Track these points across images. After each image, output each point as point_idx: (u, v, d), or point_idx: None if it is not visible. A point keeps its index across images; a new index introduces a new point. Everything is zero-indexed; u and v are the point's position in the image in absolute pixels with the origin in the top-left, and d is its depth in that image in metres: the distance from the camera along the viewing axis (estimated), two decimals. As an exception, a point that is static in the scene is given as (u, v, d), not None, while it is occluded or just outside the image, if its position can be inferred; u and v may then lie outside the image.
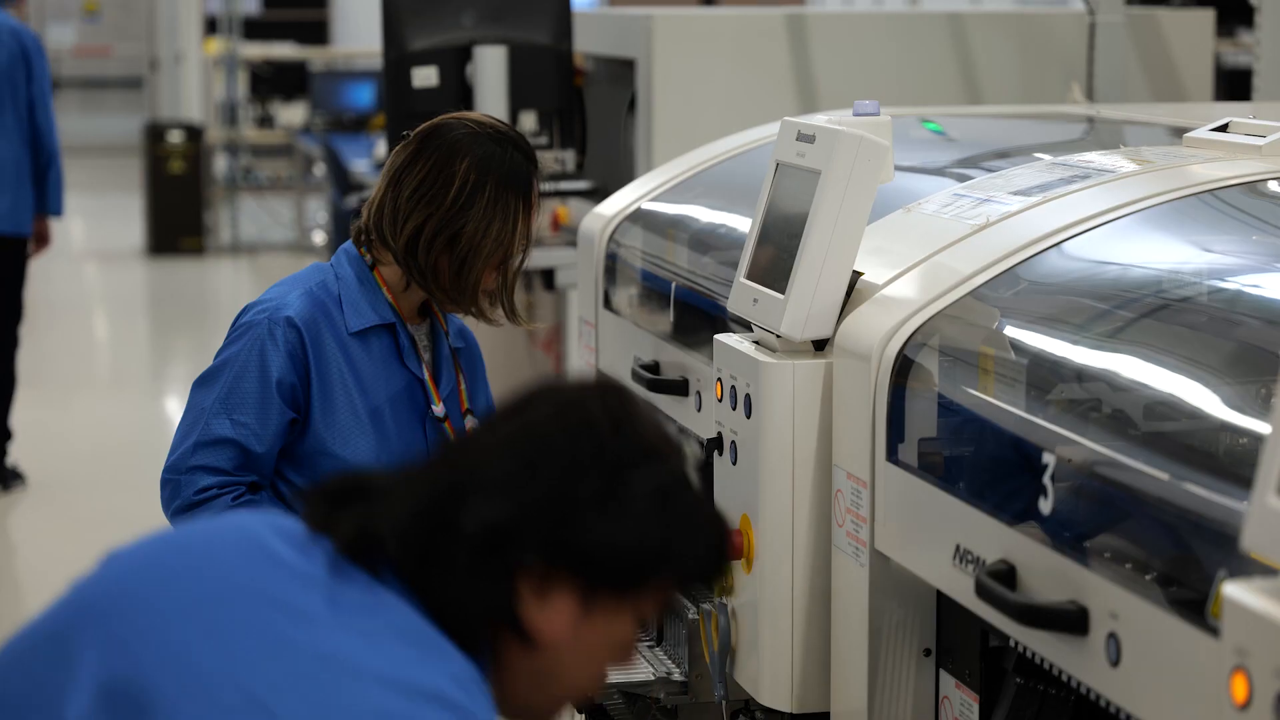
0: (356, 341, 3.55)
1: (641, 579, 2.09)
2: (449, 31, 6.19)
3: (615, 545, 2.06)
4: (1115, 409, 2.53)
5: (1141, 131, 4.19)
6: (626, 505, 2.07)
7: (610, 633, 2.11)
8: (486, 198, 3.49)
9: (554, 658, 2.09)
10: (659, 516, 2.08)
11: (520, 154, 3.55)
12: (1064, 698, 2.59)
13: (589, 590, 2.07)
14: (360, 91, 15.47)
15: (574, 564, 2.06)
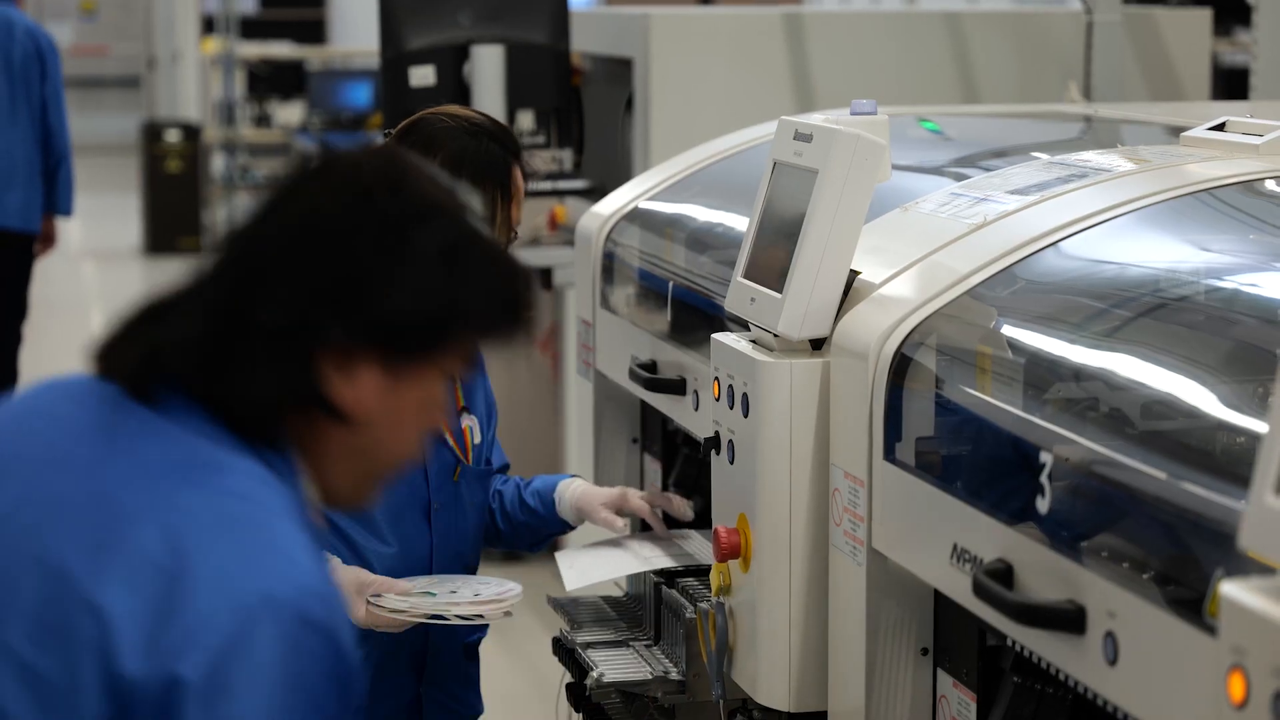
0: None
1: (441, 339, 2.08)
2: (446, 31, 6.19)
3: (410, 309, 2.04)
4: (1113, 408, 2.53)
5: (1139, 130, 4.19)
6: (415, 268, 2.04)
7: (420, 397, 2.09)
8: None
9: (369, 431, 2.08)
10: (449, 274, 2.06)
11: (497, 145, 3.54)
12: (1061, 697, 2.59)
13: (392, 358, 2.05)
14: (357, 91, 15.47)
15: (373, 335, 2.04)
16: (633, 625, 3.67)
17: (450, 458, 3.61)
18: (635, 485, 4.31)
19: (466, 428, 3.66)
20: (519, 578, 3.67)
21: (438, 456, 3.59)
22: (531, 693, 6.78)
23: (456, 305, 2.07)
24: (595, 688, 3.44)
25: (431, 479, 3.58)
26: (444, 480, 3.60)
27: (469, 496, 3.64)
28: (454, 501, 3.61)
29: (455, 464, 3.61)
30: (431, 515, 3.57)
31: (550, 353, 8.23)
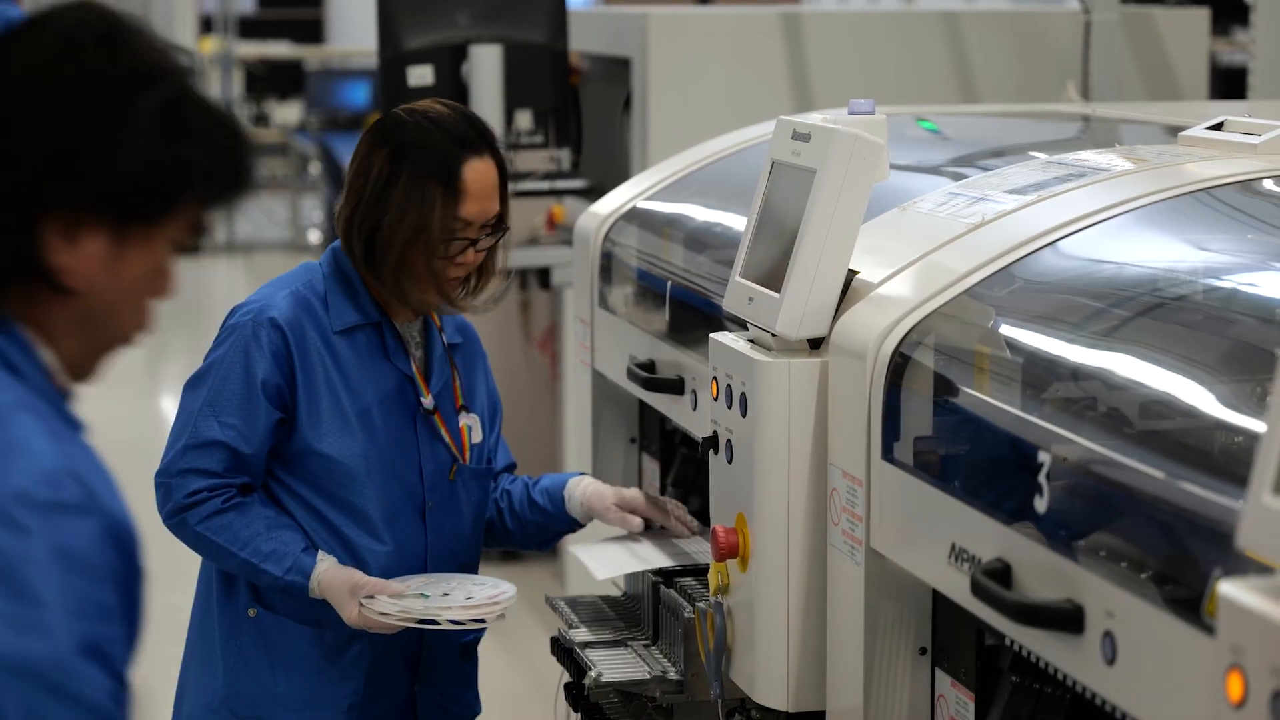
0: (343, 341, 3.54)
1: (166, 203, 2.05)
2: (444, 30, 6.19)
3: (134, 173, 2.02)
4: (1111, 407, 2.53)
5: (1136, 130, 4.19)
6: (136, 131, 2.02)
7: (147, 265, 2.07)
8: (401, 187, 3.47)
9: (95, 300, 2.06)
10: (171, 136, 2.04)
11: (449, 139, 3.49)
12: (1060, 696, 2.59)
13: (118, 225, 2.03)
14: (355, 90, 15.47)
15: (97, 201, 2.01)
16: (631, 625, 3.67)
17: (447, 456, 3.60)
18: (634, 485, 4.31)
19: (465, 426, 3.65)
20: (517, 578, 3.67)
21: (434, 455, 3.58)
22: (530, 692, 6.78)
23: (180, 168, 2.05)
24: (593, 687, 3.44)
25: (426, 478, 3.57)
26: (439, 479, 3.59)
27: (466, 496, 3.63)
28: (450, 501, 3.60)
29: (452, 463, 3.60)
30: (426, 514, 3.57)
31: (549, 352, 8.23)
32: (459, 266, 3.52)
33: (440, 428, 3.60)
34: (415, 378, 3.59)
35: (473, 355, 3.74)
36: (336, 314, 3.54)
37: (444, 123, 3.52)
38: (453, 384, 3.65)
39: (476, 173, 3.49)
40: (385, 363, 3.57)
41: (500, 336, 8.42)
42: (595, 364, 4.31)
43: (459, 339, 3.71)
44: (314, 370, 3.51)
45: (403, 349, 3.59)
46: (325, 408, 3.51)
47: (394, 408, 3.57)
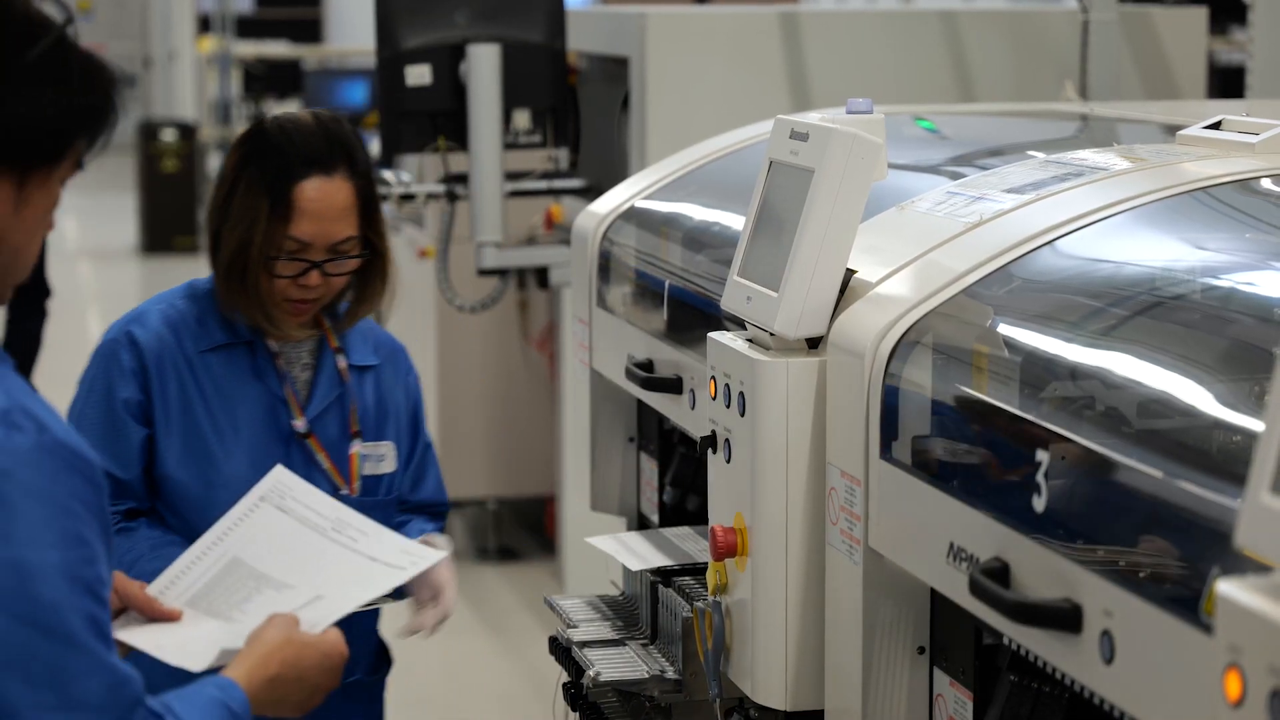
0: (213, 360, 3.42)
1: (62, 146, 2.21)
2: (442, 30, 6.19)
3: (30, 122, 2.17)
4: (1109, 406, 2.53)
5: (1135, 129, 4.19)
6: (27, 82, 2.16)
7: (46, 205, 2.24)
8: (239, 196, 3.36)
9: (6, 242, 2.22)
10: (58, 83, 2.18)
11: (294, 153, 3.33)
12: (1058, 695, 2.59)
13: (21, 172, 2.19)
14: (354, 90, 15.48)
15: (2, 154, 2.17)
16: (629, 624, 3.67)
17: (326, 485, 3.40)
18: (632, 484, 4.31)
19: (356, 454, 3.48)
20: (516, 577, 3.65)
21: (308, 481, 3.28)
22: (529, 692, 6.79)
23: (71, 111, 2.20)
24: (592, 687, 3.44)
25: None
26: None
27: None
28: None
29: (333, 491, 3.37)
30: None
31: (547, 352, 8.23)
32: (302, 288, 3.35)
33: (318, 453, 3.45)
34: (287, 399, 3.43)
35: (395, 378, 3.58)
36: (205, 332, 3.43)
37: (298, 135, 3.36)
38: (349, 408, 3.49)
39: (316, 192, 3.33)
40: (255, 383, 3.43)
41: (498, 336, 8.43)
42: (593, 363, 4.31)
43: (372, 360, 3.55)
44: (169, 390, 3.39)
45: (274, 369, 3.44)
46: (178, 430, 3.39)
47: (263, 432, 3.42)
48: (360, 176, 3.37)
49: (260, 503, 3.08)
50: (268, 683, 2.61)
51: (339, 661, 2.73)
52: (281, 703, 2.65)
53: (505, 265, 6.48)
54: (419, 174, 6.93)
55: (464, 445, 8.38)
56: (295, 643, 2.68)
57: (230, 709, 2.48)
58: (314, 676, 2.68)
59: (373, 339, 3.55)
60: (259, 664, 2.63)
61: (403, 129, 6.23)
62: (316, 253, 3.33)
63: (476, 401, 8.41)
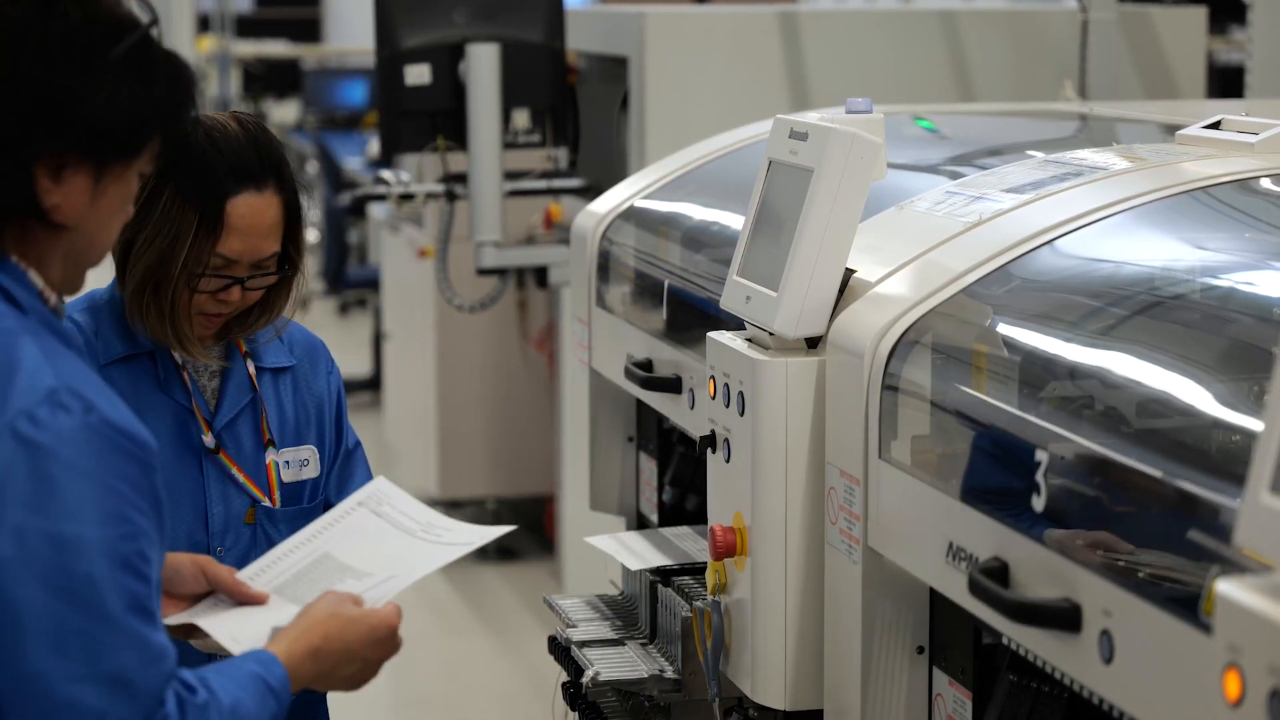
0: (116, 374, 3.18)
1: (140, 141, 2.32)
2: (441, 29, 6.19)
3: (109, 118, 2.27)
4: (1108, 406, 2.53)
5: (1134, 129, 4.19)
6: (109, 80, 2.26)
7: (122, 195, 2.35)
8: (161, 206, 3.12)
9: (80, 232, 2.33)
10: (139, 81, 2.29)
11: (224, 165, 3.13)
12: (1057, 695, 2.59)
13: (98, 164, 2.29)
14: (353, 89, 15.46)
15: (80, 145, 2.26)
16: (629, 624, 3.67)
17: (243, 498, 3.25)
18: (631, 483, 4.31)
19: (272, 463, 3.29)
20: (515, 577, 3.64)
21: (224, 496, 3.23)
22: (528, 692, 6.79)
23: (150, 108, 2.31)
24: (591, 686, 3.44)
25: (213, 523, 3.22)
26: (232, 524, 3.23)
27: (273, 538, 3.21)
28: (249, 548, 3.22)
29: (250, 504, 3.25)
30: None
31: (546, 351, 8.23)
32: (220, 303, 3.16)
33: (231, 466, 3.24)
34: (194, 411, 3.23)
35: (313, 377, 3.39)
36: (105, 345, 3.20)
37: (226, 145, 3.15)
38: (260, 416, 3.29)
39: (248, 208, 3.13)
40: (160, 396, 3.21)
41: (497, 335, 8.43)
42: (593, 363, 4.31)
43: (287, 362, 3.35)
44: None
45: (180, 379, 3.23)
46: None
47: (172, 446, 3.19)
48: (288, 191, 3.19)
49: (357, 507, 3.05)
50: (311, 655, 2.62)
51: (387, 634, 2.72)
52: (329, 676, 2.66)
53: (504, 265, 6.48)
54: (418, 173, 6.93)
55: (463, 444, 8.37)
56: (341, 616, 2.69)
57: (268, 684, 2.50)
58: (362, 649, 2.68)
59: (287, 339, 3.35)
60: (300, 636, 2.65)
61: (402, 128, 6.22)
62: (241, 269, 3.15)
63: (476, 401, 8.41)
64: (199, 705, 2.36)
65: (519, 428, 8.45)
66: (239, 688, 2.45)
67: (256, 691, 2.48)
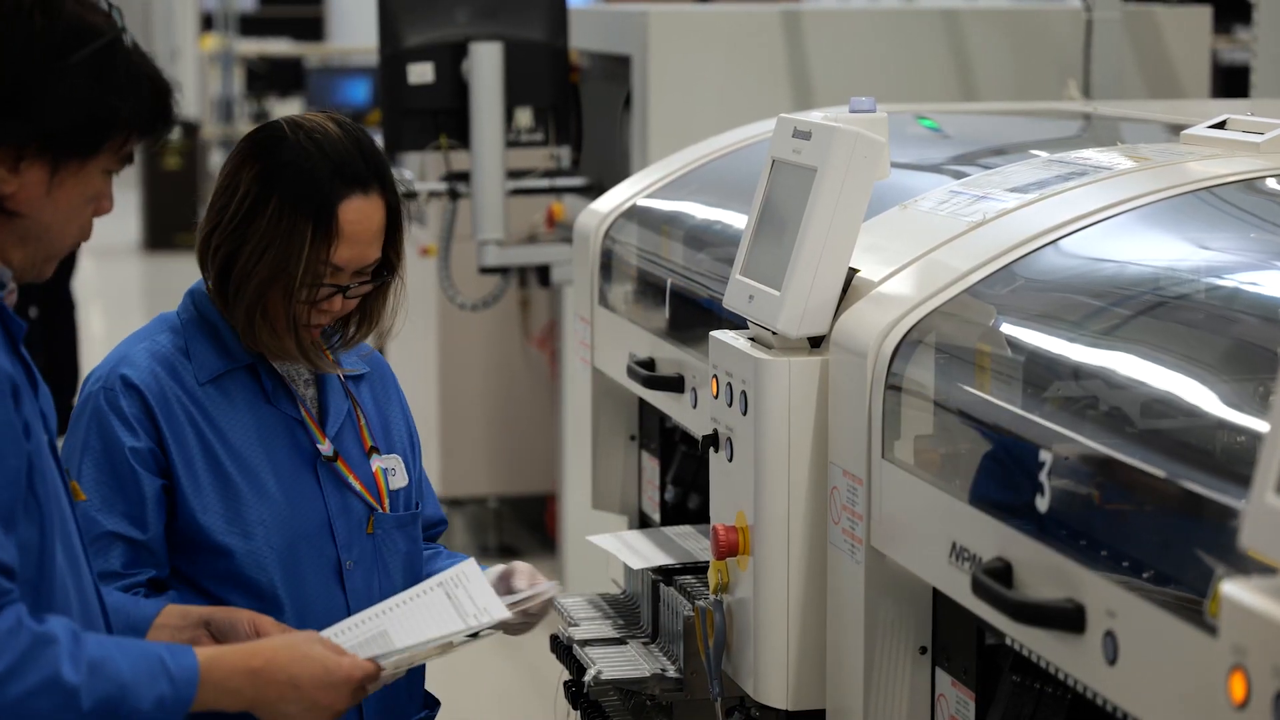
0: (214, 392, 3.11)
1: (95, 142, 2.43)
2: (444, 28, 6.19)
3: (65, 117, 2.38)
4: (1112, 406, 2.52)
5: (1138, 128, 4.18)
6: (67, 82, 2.38)
7: (83, 190, 2.45)
8: (268, 216, 3.04)
9: (35, 220, 2.42)
10: (98, 86, 2.40)
11: (330, 169, 3.05)
12: (1061, 696, 2.58)
13: (54, 159, 2.40)
14: (356, 88, 15.46)
15: (36, 139, 2.38)
16: (630, 623, 3.66)
17: (361, 507, 3.20)
18: (633, 482, 4.31)
19: (379, 470, 3.24)
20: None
21: (345, 507, 3.18)
22: (529, 691, 6.78)
23: (107, 112, 2.42)
24: (593, 685, 3.43)
25: (339, 535, 3.16)
26: (356, 535, 3.19)
27: (391, 549, 3.23)
28: (372, 558, 3.20)
29: (369, 513, 3.21)
30: (344, 577, 3.16)
31: (548, 350, 8.23)
32: (323, 314, 3.11)
33: (347, 475, 3.18)
34: (305, 420, 3.17)
35: (385, 387, 3.35)
36: (200, 363, 3.11)
37: (330, 148, 3.07)
38: (359, 423, 3.25)
39: (358, 214, 3.06)
40: (267, 407, 3.14)
41: (499, 334, 8.43)
42: (595, 362, 4.31)
43: (363, 369, 3.31)
44: (184, 431, 3.08)
45: (285, 389, 3.17)
46: (204, 473, 3.07)
47: (286, 459, 3.14)
48: (392, 194, 3.12)
49: (436, 588, 3.00)
50: (247, 673, 2.61)
51: (341, 680, 2.69)
52: (271, 706, 2.64)
53: (507, 263, 6.47)
54: (421, 172, 6.92)
55: (465, 443, 8.37)
56: (297, 650, 2.69)
57: (166, 666, 2.49)
58: (311, 689, 2.67)
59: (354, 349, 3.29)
60: (244, 653, 2.65)
61: (405, 127, 6.22)
62: (345, 277, 3.08)
63: (477, 399, 8.41)
64: (34, 633, 2.36)
65: (521, 426, 8.45)
66: (122, 652, 2.45)
67: (147, 668, 2.47)
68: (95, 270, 16.31)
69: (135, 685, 2.44)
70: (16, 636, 2.34)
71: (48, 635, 2.37)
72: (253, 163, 3.09)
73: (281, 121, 3.14)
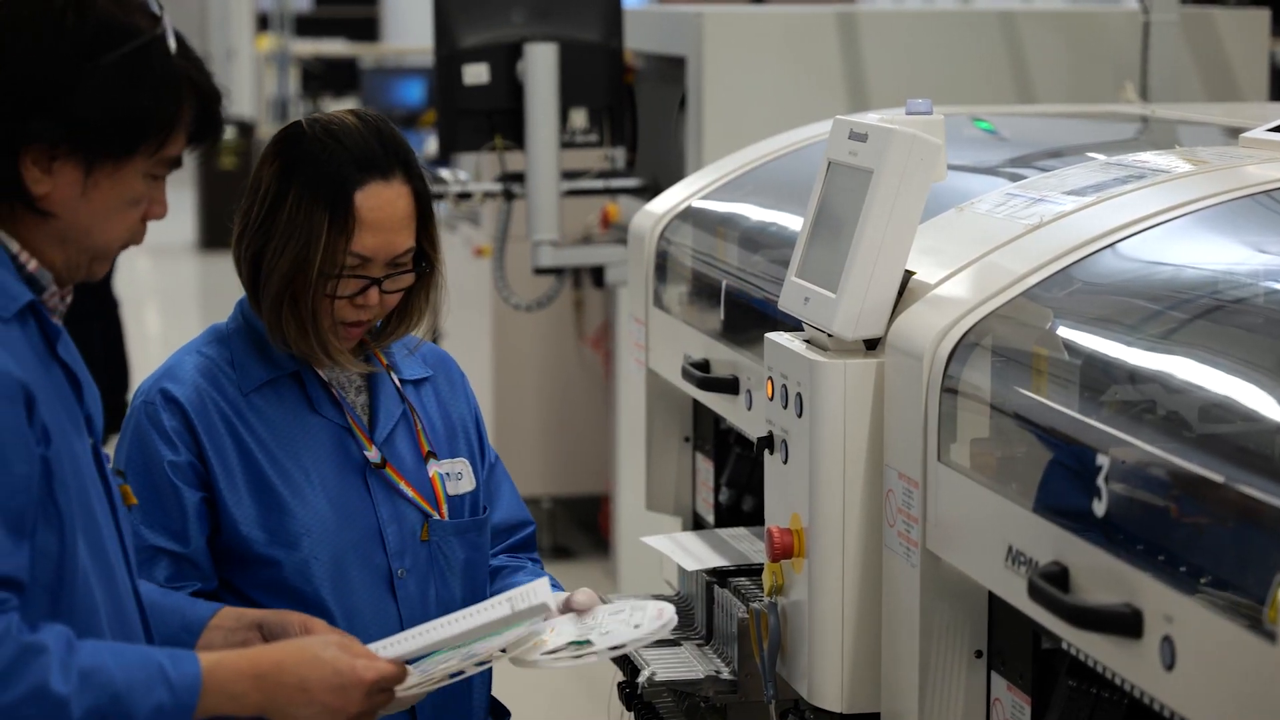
0: (259, 401, 3.09)
1: (128, 143, 2.41)
2: (500, 29, 6.21)
3: (96, 117, 2.38)
4: (1170, 410, 2.51)
5: (1196, 131, 4.16)
6: (98, 82, 2.38)
7: (121, 193, 2.43)
8: (287, 210, 3.02)
9: (69, 221, 2.42)
10: (130, 86, 2.39)
11: (347, 158, 3.02)
12: (1117, 701, 2.57)
13: (87, 158, 2.40)
14: (410, 88, 15.50)
15: (67, 138, 2.38)
16: (684, 624, 3.66)
17: (415, 514, 3.16)
18: (687, 484, 4.31)
19: (436, 475, 3.20)
20: (570, 576, 3.61)
21: (396, 514, 3.14)
22: (582, 692, 6.79)
23: (139, 113, 2.40)
24: (647, 687, 3.43)
25: (390, 543, 3.12)
26: (409, 542, 3.14)
27: (449, 557, 3.18)
28: (427, 566, 3.15)
29: (424, 520, 3.16)
30: (396, 587, 3.12)
31: (602, 351, 8.23)
32: (359, 309, 3.06)
33: (399, 481, 3.15)
34: (352, 428, 3.13)
35: (453, 390, 3.30)
36: (245, 373, 3.10)
37: (346, 137, 3.04)
38: (415, 428, 3.20)
39: (377, 200, 3.02)
40: (313, 416, 3.11)
41: (554, 335, 8.44)
42: (650, 363, 4.31)
43: (425, 373, 3.26)
44: (224, 444, 3.06)
45: (330, 397, 3.13)
46: (245, 485, 3.06)
47: (334, 468, 3.10)
48: (418, 180, 3.08)
49: (504, 602, 2.86)
50: (254, 678, 2.56)
51: (351, 682, 2.62)
52: (281, 710, 2.59)
53: (561, 264, 6.48)
54: (476, 173, 6.94)
55: (519, 443, 8.38)
56: (308, 652, 2.63)
57: (165, 673, 2.44)
58: (320, 693, 2.61)
59: (418, 351, 3.26)
60: (251, 657, 2.60)
61: (460, 127, 6.23)
62: (376, 268, 3.04)
63: (531, 400, 8.42)
64: (22, 643, 2.32)
65: (574, 427, 8.46)
66: (117, 660, 2.40)
67: (144, 676, 2.42)
68: (151, 269, 16.39)
69: (129, 694, 2.39)
70: (3, 646, 2.30)
71: (37, 645, 2.32)
72: (274, 161, 3.09)
73: (302, 119, 3.13)
